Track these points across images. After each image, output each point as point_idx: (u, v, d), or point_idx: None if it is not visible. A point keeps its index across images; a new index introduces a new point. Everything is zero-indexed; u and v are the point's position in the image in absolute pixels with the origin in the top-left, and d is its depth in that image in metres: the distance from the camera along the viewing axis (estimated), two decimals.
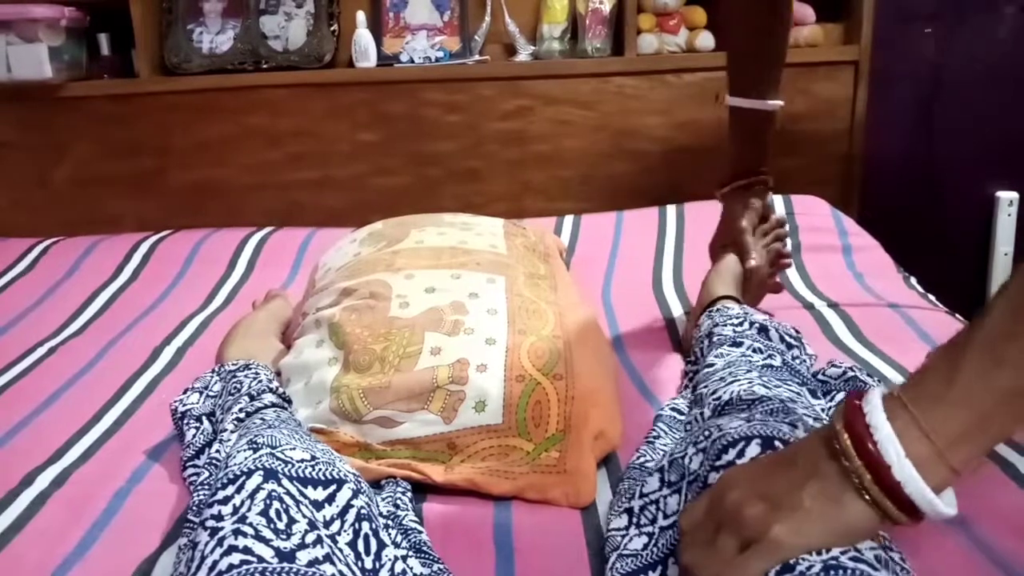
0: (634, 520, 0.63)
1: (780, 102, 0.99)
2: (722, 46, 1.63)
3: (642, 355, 1.00)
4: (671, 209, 1.49)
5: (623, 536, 0.63)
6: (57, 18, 1.53)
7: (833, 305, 1.12)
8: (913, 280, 1.23)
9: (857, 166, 1.67)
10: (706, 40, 1.62)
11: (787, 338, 0.88)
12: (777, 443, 0.58)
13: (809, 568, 0.47)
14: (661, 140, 1.64)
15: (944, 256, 1.75)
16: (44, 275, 1.38)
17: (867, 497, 0.47)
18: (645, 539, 0.61)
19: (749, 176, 1.04)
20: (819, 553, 0.48)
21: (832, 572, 0.46)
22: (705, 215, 1.45)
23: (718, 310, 0.93)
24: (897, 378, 0.89)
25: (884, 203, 1.72)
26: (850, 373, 0.83)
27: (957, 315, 1.08)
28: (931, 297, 1.16)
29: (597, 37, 1.62)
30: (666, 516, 0.62)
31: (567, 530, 0.69)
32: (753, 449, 0.58)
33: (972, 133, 1.72)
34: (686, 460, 0.63)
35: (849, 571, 0.46)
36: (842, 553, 0.48)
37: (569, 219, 1.49)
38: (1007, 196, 1.74)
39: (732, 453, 0.59)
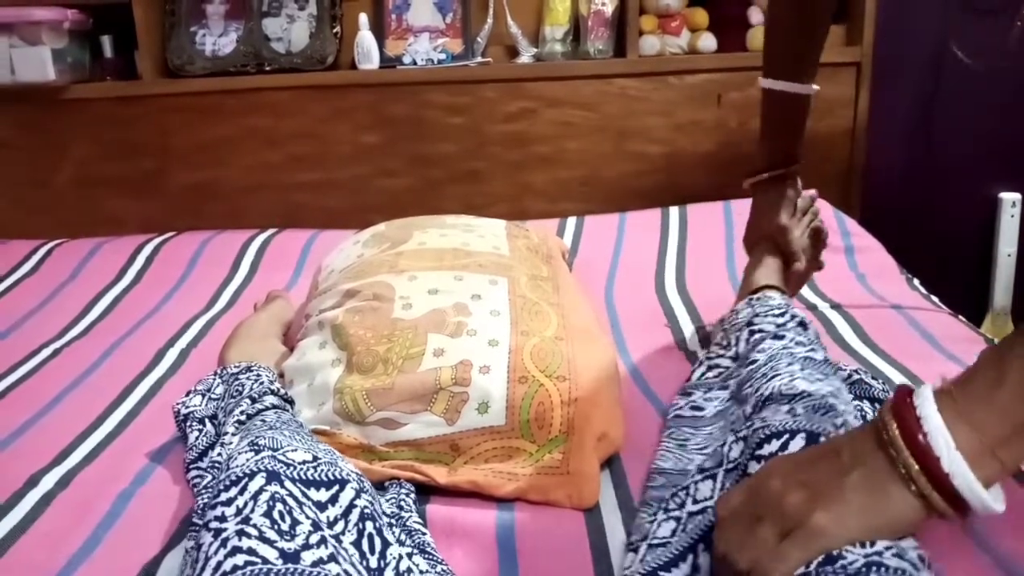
0: (662, 505, 0.63)
1: (817, 87, 0.94)
2: (724, 47, 1.63)
3: (645, 357, 1.00)
4: (673, 211, 1.49)
5: (651, 522, 0.62)
6: (60, 20, 1.54)
7: (836, 306, 1.12)
8: (916, 281, 1.23)
9: (859, 167, 1.67)
10: (708, 42, 1.63)
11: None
12: (822, 439, 0.58)
13: (852, 562, 0.46)
14: (663, 142, 1.64)
15: (947, 257, 1.75)
16: (48, 277, 1.39)
17: (913, 488, 0.47)
18: (673, 524, 0.61)
19: (783, 166, 0.98)
20: (862, 546, 0.47)
21: (875, 569, 0.46)
22: (708, 217, 1.46)
23: (759, 299, 0.90)
24: (901, 380, 0.89)
25: (887, 204, 1.72)
26: (855, 376, 0.82)
27: (960, 316, 1.08)
28: (934, 298, 1.16)
29: (599, 39, 1.62)
30: (696, 501, 0.61)
31: (570, 532, 0.69)
32: (797, 443, 0.57)
33: (974, 134, 1.72)
34: (725, 448, 0.62)
35: (892, 570, 0.45)
36: (886, 549, 0.47)
37: (571, 221, 1.49)
38: (1010, 197, 1.74)
39: (775, 444, 0.58)
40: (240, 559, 0.51)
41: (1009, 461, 0.46)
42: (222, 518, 0.54)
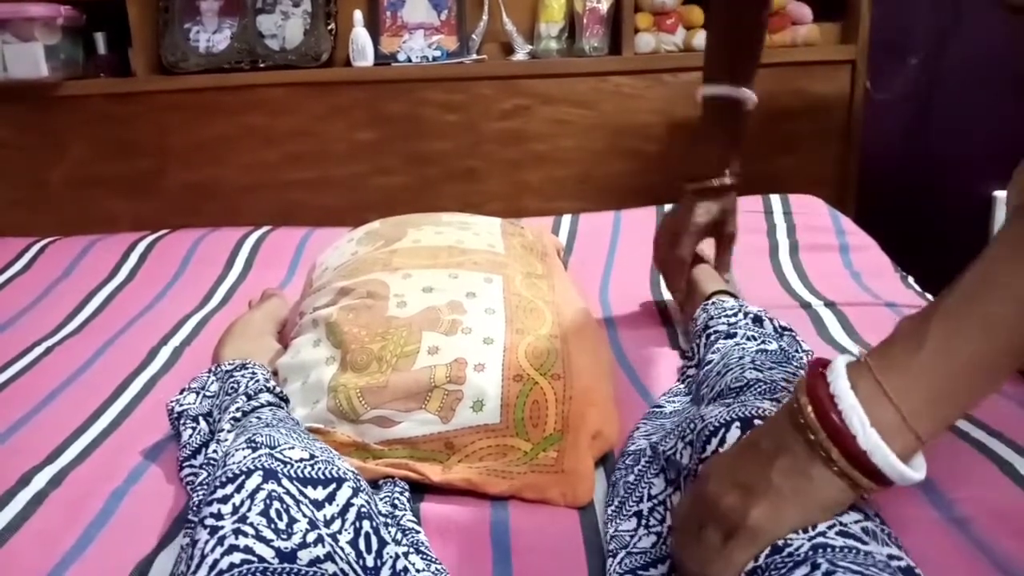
0: (643, 522, 0.63)
1: (754, 98, 0.98)
2: None
3: (640, 355, 1.00)
4: (669, 208, 1.49)
5: (632, 536, 0.63)
6: (53, 17, 1.53)
7: (830, 304, 1.12)
8: (911, 279, 1.23)
9: (854, 165, 1.67)
10: (703, 39, 1.62)
11: (780, 329, 0.88)
12: (756, 422, 0.58)
13: (797, 548, 0.47)
14: (659, 139, 1.64)
15: (942, 255, 1.74)
16: (41, 275, 1.38)
17: (835, 468, 0.47)
18: (654, 538, 0.62)
19: (716, 176, 1.00)
20: (805, 531, 0.48)
21: (821, 551, 0.46)
22: None
23: (713, 303, 0.93)
24: None
25: (882, 202, 1.72)
26: None
27: None
28: (929, 296, 1.16)
29: (594, 36, 1.62)
30: (648, 498, 0.63)
31: (564, 530, 0.69)
32: (733, 433, 0.58)
33: (970, 132, 1.72)
34: (677, 456, 0.63)
35: (838, 548, 0.46)
36: (828, 528, 0.48)
37: (567, 218, 1.49)
38: (1005, 195, 1.74)
39: (714, 442, 0.59)
40: (236, 557, 0.51)
41: (925, 432, 0.47)
42: (218, 515, 0.54)
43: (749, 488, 0.49)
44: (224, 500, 0.55)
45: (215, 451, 0.74)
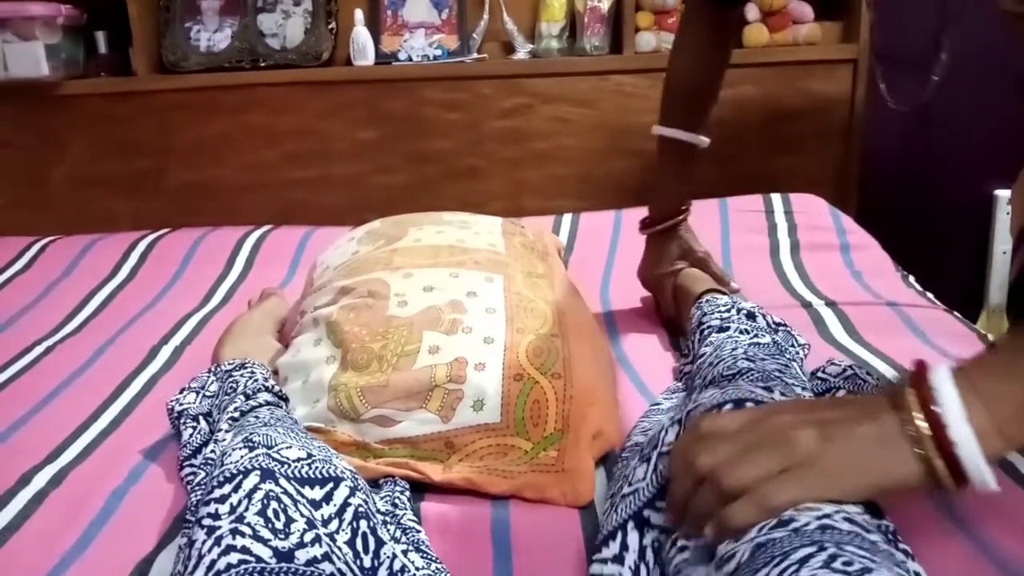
0: (611, 500, 0.64)
1: (707, 140, 1.02)
2: None
3: (640, 354, 1.00)
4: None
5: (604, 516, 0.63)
6: (54, 16, 1.53)
7: (831, 304, 1.12)
8: (912, 278, 1.23)
9: (855, 164, 1.67)
10: None
11: (773, 324, 0.89)
12: (748, 404, 0.58)
13: (805, 524, 0.47)
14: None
15: (943, 255, 1.75)
16: (41, 274, 1.38)
17: (919, 451, 0.49)
18: (610, 510, 0.62)
19: (676, 215, 1.06)
20: (814, 511, 0.48)
21: (827, 531, 0.46)
22: (703, 213, 1.45)
23: (707, 300, 0.94)
24: (896, 376, 0.89)
25: (883, 201, 1.72)
26: (850, 371, 0.82)
27: (956, 313, 1.08)
28: (929, 295, 1.16)
29: (595, 35, 1.62)
30: (630, 484, 0.61)
31: (565, 529, 0.68)
32: (727, 410, 0.58)
33: (971, 131, 1.72)
34: (662, 433, 0.62)
35: (844, 532, 0.46)
36: (835, 512, 0.48)
37: (567, 218, 1.49)
38: (1006, 194, 1.74)
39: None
40: (234, 557, 0.51)
41: (1015, 438, 0.49)
42: (216, 515, 0.54)
43: (830, 434, 0.50)
44: (221, 500, 0.55)
45: (213, 451, 0.73)
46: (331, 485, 0.60)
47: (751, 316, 0.88)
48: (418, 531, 0.65)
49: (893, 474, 0.49)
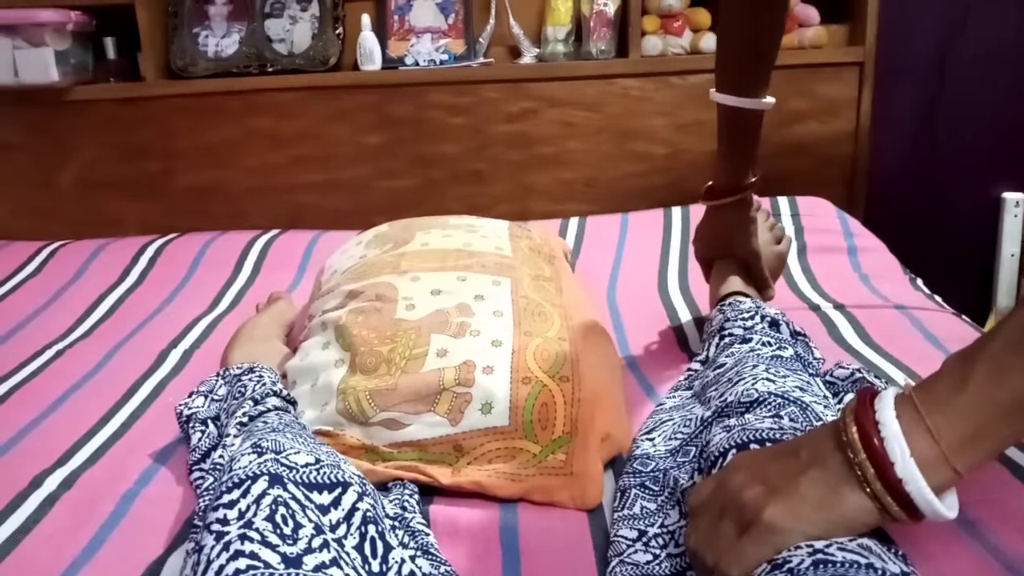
0: (644, 539, 0.64)
1: (772, 100, 0.94)
2: None
3: (647, 357, 1.00)
4: (676, 211, 1.49)
5: (629, 546, 0.63)
6: (64, 22, 1.54)
7: (839, 307, 1.12)
8: (919, 281, 1.23)
9: (862, 167, 1.66)
10: (710, 42, 1.62)
11: (795, 334, 0.88)
12: (754, 446, 0.59)
13: (800, 563, 0.47)
14: (666, 142, 1.64)
15: (950, 257, 1.74)
16: (51, 278, 1.39)
17: (868, 491, 0.48)
18: (650, 557, 0.62)
19: (741, 184, 0.97)
20: (808, 547, 0.48)
21: (822, 567, 0.46)
22: None
23: (730, 304, 0.92)
24: (904, 380, 0.89)
25: (890, 204, 1.72)
26: (858, 375, 0.82)
27: (964, 317, 1.08)
28: (937, 299, 1.16)
29: (601, 39, 1.62)
30: (678, 545, 0.62)
31: (574, 532, 0.69)
32: (704, 482, 0.58)
33: (978, 134, 1.72)
34: (675, 471, 0.64)
35: (838, 563, 0.46)
36: (827, 546, 0.48)
37: (574, 221, 1.49)
38: (1013, 197, 1.73)
39: (715, 473, 0.59)
40: (242, 563, 0.51)
41: (963, 468, 0.47)
42: (224, 521, 0.54)
43: (775, 487, 0.50)
44: (230, 506, 0.55)
45: (221, 456, 0.74)
46: (339, 490, 0.61)
47: (774, 324, 0.87)
48: (427, 534, 0.66)
49: (845, 516, 0.49)
